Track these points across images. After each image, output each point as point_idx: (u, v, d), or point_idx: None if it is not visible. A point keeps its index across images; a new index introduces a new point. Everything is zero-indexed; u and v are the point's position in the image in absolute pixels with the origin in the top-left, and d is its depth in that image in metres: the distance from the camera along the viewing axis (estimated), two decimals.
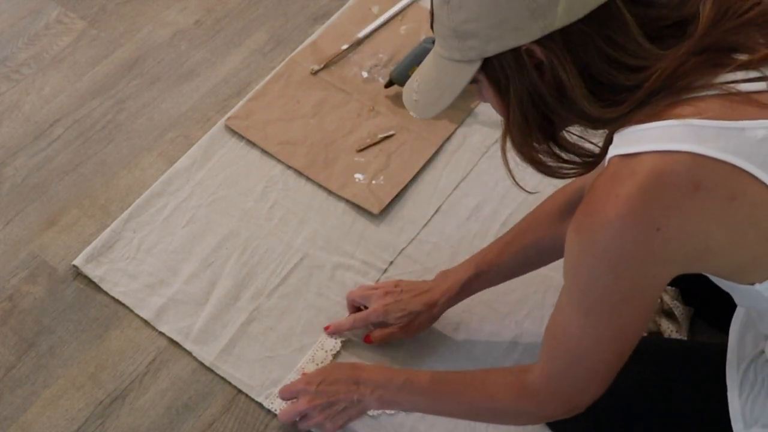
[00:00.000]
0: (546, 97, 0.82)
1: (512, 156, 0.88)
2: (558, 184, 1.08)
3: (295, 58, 1.65)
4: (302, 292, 1.36)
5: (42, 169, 1.51)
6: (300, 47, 1.68)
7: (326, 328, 1.29)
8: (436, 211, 1.45)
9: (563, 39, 0.78)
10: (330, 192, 1.47)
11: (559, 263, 1.37)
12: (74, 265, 1.37)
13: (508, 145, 0.88)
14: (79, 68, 1.66)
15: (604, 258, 0.81)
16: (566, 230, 0.85)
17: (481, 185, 1.48)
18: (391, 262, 1.39)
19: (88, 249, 1.39)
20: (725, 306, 0.99)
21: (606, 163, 0.82)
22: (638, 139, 0.78)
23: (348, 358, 1.28)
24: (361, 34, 1.68)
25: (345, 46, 1.66)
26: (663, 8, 0.80)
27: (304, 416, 1.17)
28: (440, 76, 0.89)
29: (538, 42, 0.79)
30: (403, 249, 1.40)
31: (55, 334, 1.31)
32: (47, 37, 1.71)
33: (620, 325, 0.87)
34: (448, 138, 1.54)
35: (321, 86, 1.61)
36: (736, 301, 0.93)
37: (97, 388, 1.26)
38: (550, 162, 0.88)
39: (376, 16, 1.72)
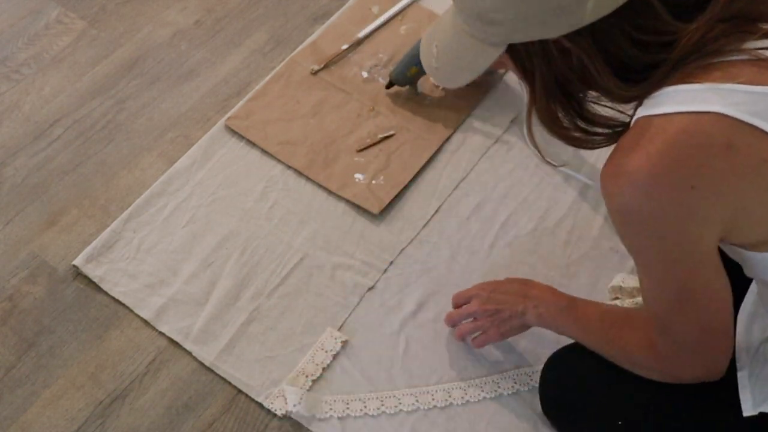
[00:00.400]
0: (572, 80, 0.82)
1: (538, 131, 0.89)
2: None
3: (295, 58, 1.65)
4: (302, 292, 1.36)
5: (42, 169, 1.51)
6: (300, 47, 1.68)
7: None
8: (436, 211, 1.45)
9: (591, 33, 0.78)
10: (330, 192, 1.47)
11: (557, 261, 1.38)
12: (74, 265, 1.37)
13: (534, 120, 0.88)
14: (79, 68, 1.66)
15: (640, 218, 0.80)
16: None
17: (481, 185, 1.48)
18: (391, 262, 1.39)
19: (88, 249, 1.39)
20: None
21: (632, 124, 0.82)
22: (667, 100, 0.78)
23: (348, 358, 1.28)
24: (361, 34, 1.68)
25: (345, 46, 1.66)
26: None
27: (471, 318, 1.22)
28: (461, 51, 0.89)
29: (566, 35, 0.79)
30: (403, 249, 1.40)
31: (55, 334, 1.31)
32: (47, 37, 1.71)
33: (681, 288, 0.86)
34: (448, 138, 1.54)
35: (321, 86, 1.61)
36: (748, 272, 0.92)
37: (97, 388, 1.26)
38: (580, 135, 0.88)
39: (376, 16, 1.72)
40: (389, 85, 1.57)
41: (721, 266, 0.86)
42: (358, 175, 1.48)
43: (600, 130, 0.88)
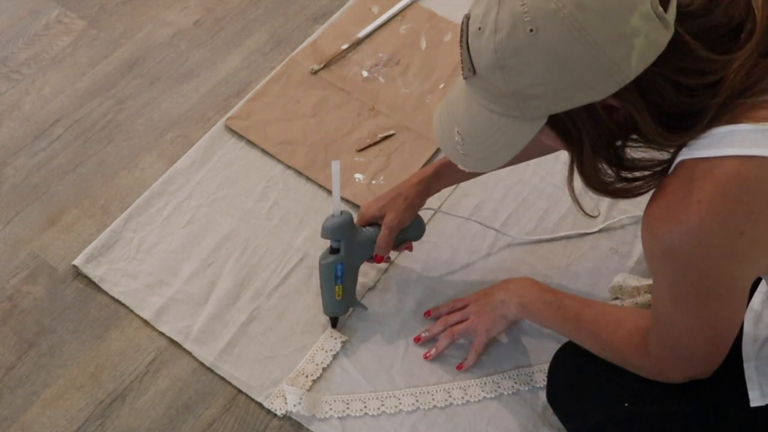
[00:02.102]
0: (618, 136, 0.81)
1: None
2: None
3: (295, 58, 1.65)
4: (302, 292, 1.36)
5: (42, 169, 1.51)
6: (300, 47, 1.68)
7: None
8: (436, 211, 1.45)
9: (636, 86, 0.77)
10: (330, 192, 1.47)
11: (557, 261, 1.38)
12: (74, 265, 1.37)
13: (575, 176, 0.86)
14: (79, 68, 1.66)
15: (687, 262, 0.80)
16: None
17: (481, 185, 1.48)
18: (392, 262, 1.39)
19: (88, 249, 1.39)
20: None
21: (675, 166, 0.81)
22: (716, 143, 0.77)
23: (348, 358, 1.28)
24: (361, 34, 1.68)
25: (345, 46, 1.66)
26: (713, 14, 0.79)
27: (455, 323, 1.24)
28: (493, 131, 0.85)
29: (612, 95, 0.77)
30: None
31: (55, 334, 1.31)
32: (47, 37, 1.71)
33: (709, 317, 0.86)
34: None
35: (321, 86, 1.61)
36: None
37: (97, 388, 1.26)
38: (622, 185, 0.86)
39: (376, 16, 1.72)
40: (334, 324, 1.30)
41: (747, 295, 0.87)
42: (358, 175, 1.48)
43: (640, 174, 0.86)
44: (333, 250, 1.24)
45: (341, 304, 1.27)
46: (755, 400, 0.95)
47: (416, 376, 1.27)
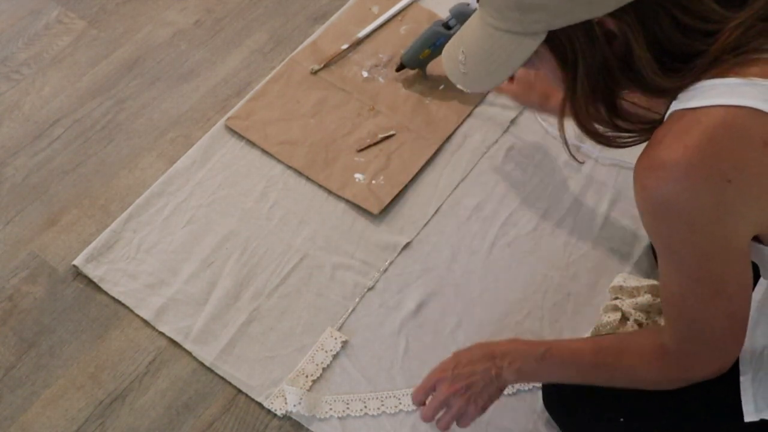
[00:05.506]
0: (614, 69, 0.81)
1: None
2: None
3: (295, 58, 1.65)
4: (302, 292, 1.36)
5: (42, 169, 1.51)
6: (300, 47, 1.68)
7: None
8: (436, 211, 1.45)
9: (635, 10, 0.77)
10: (330, 192, 1.47)
11: (557, 261, 1.38)
12: (74, 265, 1.37)
13: (566, 114, 0.86)
14: (79, 68, 1.66)
15: (677, 211, 0.80)
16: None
17: (481, 185, 1.48)
18: (391, 262, 1.39)
19: (88, 249, 1.39)
20: None
21: (667, 117, 0.81)
22: (704, 94, 0.78)
23: (348, 358, 1.28)
24: (361, 33, 1.68)
25: (345, 46, 1.66)
26: None
27: (445, 407, 1.09)
28: (494, 49, 0.85)
29: (611, 13, 0.77)
30: (403, 249, 1.40)
31: (55, 334, 1.31)
32: (47, 37, 1.71)
33: (715, 281, 0.85)
34: (448, 138, 1.54)
35: (321, 86, 1.61)
36: (764, 274, 0.92)
37: (97, 388, 1.26)
38: (609, 132, 0.87)
39: (376, 16, 1.72)
40: (399, 68, 1.59)
41: (750, 263, 0.86)
42: (358, 175, 1.48)
43: (632, 126, 0.87)
44: (446, 26, 1.52)
45: (417, 61, 1.57)
46: (749, 414, 0.95)
47: (416, 376, 1.26)
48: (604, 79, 0.82)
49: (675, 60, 0.80)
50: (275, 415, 1.23)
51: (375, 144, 1.53)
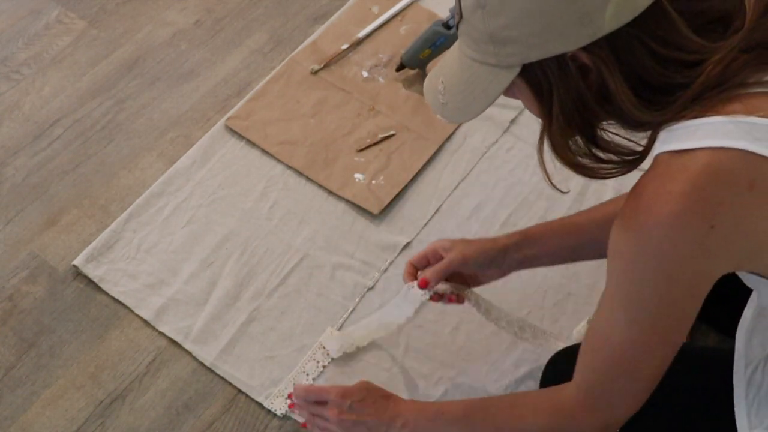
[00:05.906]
0: (589, 102, 0.80)
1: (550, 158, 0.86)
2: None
3: (295, 58, 1.65)
4: (302, 292, 1.36)
5: (42, 169, 1.51)
6: (300, 47, 1.68)
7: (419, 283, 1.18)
8: (436, 211, 1.45)
9: (609, 43, 0.77)
10: (330, 192, 1.47)
11: (558, 267, 1.38)
12: (74, 265, 1.37)
13: (546, 147, 0.85)
14: (79, 68, 1.66)
15: (656, 258, 0.79)
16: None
17: (481, 185, 1.48)
18: (391, 262, 1.39)
19: (88, 249, 1.39)
20: (729, 310, 0.99)
21: (653, 160, 0.80)
22: (689, 135, 0.77)
23: (347, 359, 1.28)
24: (361, 34, 1.68)
25: (345, 46, 1.66)
26: (706, 1, 0.78)
27: (320, 420, 1.14)
28: (472, 80, 0.86)
29: (584, 48, 0.77)
30: (403, 249, 1.40)
31: (55, 334, 1.31)
32: (47, 37, 1.71)
33: (667, 329, 0.85)
34: (448, 138, 1.54)
35: (321, 86, 1.61)
36: (762, 301, 0.92)
37: (97, 388, 1.26)
38: (590, 163, 0.86)
39: (376, 16, 1.72)
40: (399, 68, 1.60)
41: (696, 312, 0.85)
42: (358, 175, 1.48)
43: (610, 157, 0.86)
44: (446, 26, 1.51)
45: (417, 61, 1.56)
46: (743, 429, 0.95)
47: (416, 376, 1.27)
48: (580, 112, 0.82)
49: (656, 93, 0.79)
50: (275, 415, 1.23)
51: (375, 144, 1.53)
